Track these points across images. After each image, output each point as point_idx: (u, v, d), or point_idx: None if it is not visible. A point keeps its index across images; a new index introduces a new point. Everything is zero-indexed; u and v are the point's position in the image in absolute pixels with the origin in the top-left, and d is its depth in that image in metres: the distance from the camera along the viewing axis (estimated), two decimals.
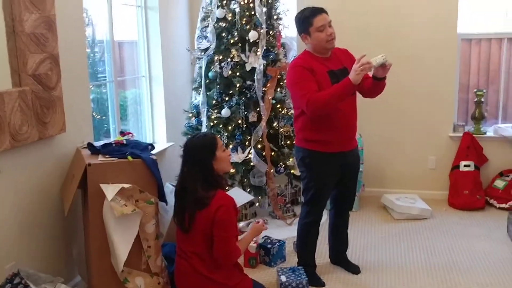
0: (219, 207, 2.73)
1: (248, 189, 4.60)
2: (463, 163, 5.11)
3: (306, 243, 3.60)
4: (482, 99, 5.19)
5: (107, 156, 3.03)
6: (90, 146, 3.18)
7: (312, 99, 3.10)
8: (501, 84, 5.31)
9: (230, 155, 3.03)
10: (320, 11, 3.24)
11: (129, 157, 2.96)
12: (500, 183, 5.07)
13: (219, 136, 4.42)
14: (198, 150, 2.87)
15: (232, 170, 4.50)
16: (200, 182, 2.81)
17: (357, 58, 3.06)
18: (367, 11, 5.22)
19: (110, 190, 2.83)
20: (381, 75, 3.15)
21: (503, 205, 4.95)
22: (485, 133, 5.25)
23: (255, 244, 3.80)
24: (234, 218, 2.82)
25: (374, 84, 3.21)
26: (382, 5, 5.19)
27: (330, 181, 3.42)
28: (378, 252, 4.09)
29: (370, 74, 3.19)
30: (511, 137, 5.06)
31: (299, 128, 3.40)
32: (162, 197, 3.08)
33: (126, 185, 2.86)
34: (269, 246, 3.83)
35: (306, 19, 3.24)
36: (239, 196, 3.86)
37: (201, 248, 2.76)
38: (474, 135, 5.18)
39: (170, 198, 3.14)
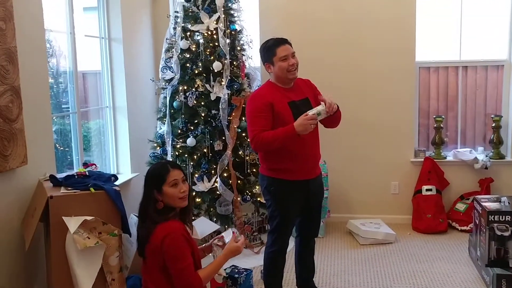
0: (164, 237, 2.55)
1: (215, 218, 4.59)
2: (425, 187, 5.22)
3: (273, 271, 3.58)
4: (442, 125, 5.35)
5: (69, 188, 3.01)
6: (52, 178, 3.15)
7: (257, 137, 3.19)
8: (459, 110, 5.48)
9: (184, 191, 2.70)
10: (283, 41, 3.34)
11: (92, 189, 2.95)
12: (461, 206, 5.19)
13: (184, 165, 4.43)
14: (147, 177, 2.73)
15: (198, 200, 4.49)
16: (150, 211, 2.65)
17: (305, 112, 3.13)
18: (325, 41, 5.35)
19: (72, 223, 2.80)
20: (331, 113, 3.21)
21: (464, 228, 5.07)
22: (445, 157, 5.39)
23: (221, 275, 3.76)
24: (184, 245, 2.61)
25: (330, 117, 3.28)
26: (341, 36, 5.32)
27: (295, 208, 3.44)
28: (345, 278, 4.12)
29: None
30: (470, 161, 5.20)
31: (262, 157, 3.43)
32: (125, 228, 3.05)
33: (88, 217, 2.84)
34: (236, 275, 3.81)
35: (270, 49, 3.33)
36: (205, 225, 3.85)
37: (160, 281, 2.65)
38: (435, 160, 5.31)
39: (135, 229, 3.10)
